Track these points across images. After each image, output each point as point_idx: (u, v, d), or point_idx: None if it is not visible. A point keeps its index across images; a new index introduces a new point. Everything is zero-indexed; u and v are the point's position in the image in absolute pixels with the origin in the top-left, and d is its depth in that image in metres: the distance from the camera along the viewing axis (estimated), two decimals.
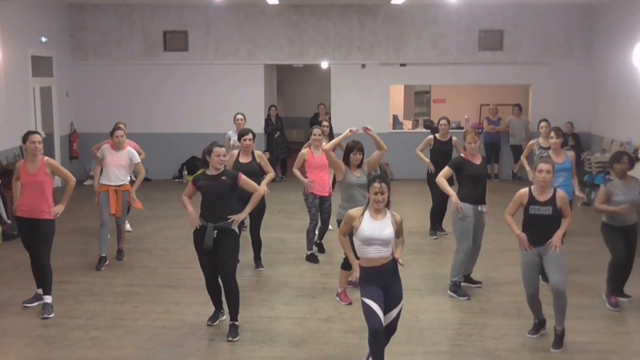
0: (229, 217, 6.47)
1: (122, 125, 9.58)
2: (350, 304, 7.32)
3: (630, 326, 6.95)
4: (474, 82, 16.48)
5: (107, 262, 8.83)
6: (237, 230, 6.61)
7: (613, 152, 13.29)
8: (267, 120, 15.89)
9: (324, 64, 16.25)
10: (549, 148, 9.46)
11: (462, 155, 7.90)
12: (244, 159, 8.52)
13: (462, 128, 16.49)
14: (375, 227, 5.35)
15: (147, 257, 9.36)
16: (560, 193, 6.24)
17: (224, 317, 6.82)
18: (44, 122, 14.29)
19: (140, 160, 9.26)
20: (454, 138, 10.48)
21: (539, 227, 6.20)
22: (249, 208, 6.77)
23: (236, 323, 6.53)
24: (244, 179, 6.65)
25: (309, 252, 9.09)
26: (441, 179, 7.72)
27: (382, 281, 5.37)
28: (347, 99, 15.88)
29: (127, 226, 10.38)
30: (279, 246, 9.84)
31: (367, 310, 5.29)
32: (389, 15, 15.62)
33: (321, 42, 15.78)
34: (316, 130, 9.24)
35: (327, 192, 9.12)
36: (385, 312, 5.35)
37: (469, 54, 15.68)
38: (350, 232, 5.54)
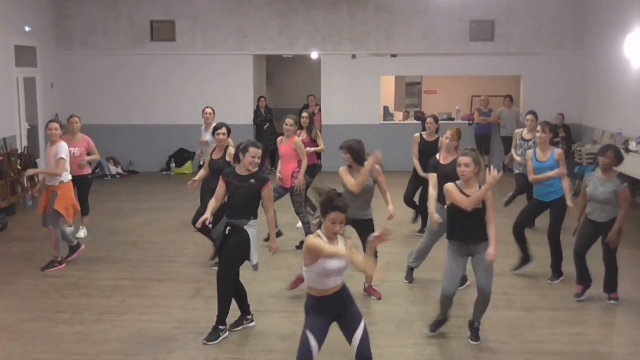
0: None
1: (76, 119, 9.46)
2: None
3: (619, 317, 6.91)
4: (465, 73, 16.39)
5: (61, 265, 8.40)
6: (250, 232, 6.22)
7: (604, 143, 13.30)
8: (256, 112, 15.75)
9: (314, 55, 16.09)
10: (530, 140, 9.37)
11: (436, 156, 7.77)
12: (215, 155, 8.30)
13: (453, 119, 16.43)
14: (334, 260, 4.69)
15: (133, 250, 9.26)
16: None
17: (252, 323, 6.56)
18: (27, 113, 14.09)
19: (62, 156, 8.26)
20: (441, 139, 10.19)
21: (465, 223, 5.87)
22: (272, 236, 6.47)
23: (217, 325, 6.24)
24: (269, 189, 6.29)
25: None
26: (431, 198, 7.28)
27: (334, 310, 4.83)
28: (338, 90, 15.75)
29: (81, 232, 9.82)
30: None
31: (303, 343, 4.74)
32: (379, 5, 15.48)
33: (311, 32, 15.62)
34: (288, 120, 9.08)
35: (287, 184, 8.93)
36: (349, 338, 4.86)
37: (460, 44, 15.55)
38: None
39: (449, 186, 5.97)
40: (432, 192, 7.30)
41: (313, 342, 4.73)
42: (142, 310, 6.98)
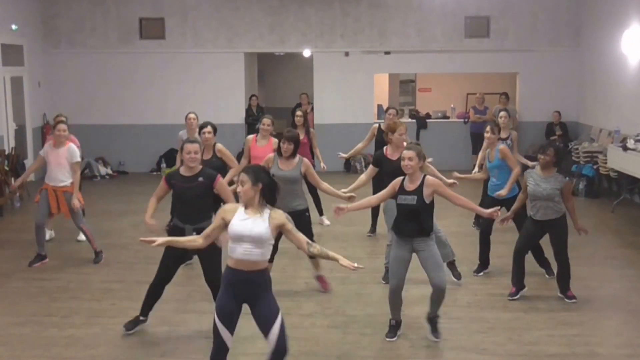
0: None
1: (63, 118, 9.16)
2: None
3: (616, 318, 6.84)
4: (460, 71, 16.23)
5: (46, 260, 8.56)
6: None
7: (601, 141, 13.18)
8: (248, 110, 15.56)
9: (306, 52, 15.90)
10: (506, 139, 9.34)
11: (384, 148, 7.55)
12: (205, 156, 8.09)
13: (448, 117, 16.30)
14: (246, 223, 4.71)
15: (124, 252, 9.12)
16: (429, 179, 5.89)
17: (147, 322, 6.49)
18: (15, 113, 13.95)
19: (78, 160, 8.62)
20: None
21: (409, 218, 5.87)
22: None
23: None
24: (221, 182, 6.27)
25: None
26: (358, 180, 7.45)
27: (241, 291, 4.76)
28: (330, 88, 15.56)
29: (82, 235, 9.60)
30: None
31: (215, 330, 4.78)
32: (373, 2, 15.30)
33: (303, 30, 15.42)
34: (266, 120, 8.81)
35: None
36: (265, 333, 4.79)
37: (455, 41, 15.39)
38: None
39: (396, 181, 6.00)
40: (363, 177, 7.48)
41: (223, 329, 4.74)
42: (133, 313, 6.80)
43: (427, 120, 15.94)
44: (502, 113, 9.56)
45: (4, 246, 9.48)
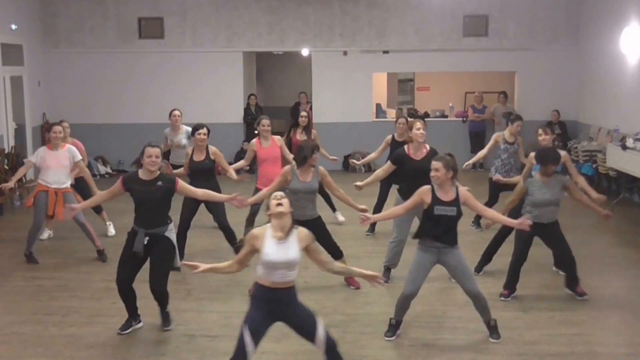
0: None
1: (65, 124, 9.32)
2: None
3: (616, 318, 6.85)
4: (459, 69, 16.21)
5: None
6: (171, 238, 6.23)
7: (600, 140, 13.18)
8: (247, 110, 15.55)
9: (305, 51, 15.90)
10: (513, 144, 9.31)
11: (404, 147, 7.57)
12: (197, 157, 8.25)
13: (447, 116, 16.30)
14: (279, 249, 4.73)
15: None
16: (463, 191, 5.91)
17: (140, 324, 6.49)
18: (15, 112, 13.89)
19: (80, 158, 8.78)
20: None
21: (442, 228, 5.86)
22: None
23: (167, 311, 6.42)
24: (181, 184, 6.27)
25: None
26: (375, 173, 7.60)
27: (273, 310, 4.79)
28: (329, 88, 15.54)
29: (111, 228, 10.02)
30: None
31: (239, 341, 4.74)
32: (371, 1, 15.28)
33: (301, 29, 15.41)
34: (264, 121, 8.83)
35: None
36: (312, 340, 4.84)
37: (454, 40, 15.38)
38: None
39: (424, 191, 5.95)
40: (380, 173, 7.54)
41: (249, 342, 4.69)
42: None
43: (426, 119, 15.89)
44: (518, 122, 9.44)
45: (3, 245, 9.48)
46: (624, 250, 9.05)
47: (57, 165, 8.46)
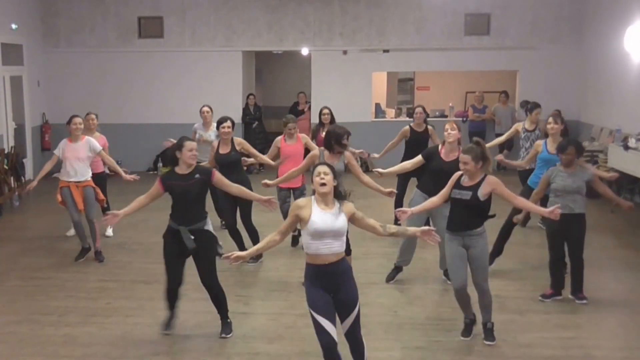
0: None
1: (93, 116, 9.50)
2: None
3: (613, 321, 6.80)
4: (460, 69, 16.12)
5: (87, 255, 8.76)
6: (211, 230, 6.22)
7: (602, 140, 13.10)
8: (245, 110, 15.51)
9: (304, 51, 15.86)
10: (534, 131, 9.37)
11: (438, 145, 7.58)
12: (223, 150, 8.28)
13: (446, 116, 16.21)
14: (326, 218, 4.82)
15: (120, 251, 9.16)
16: (491, 179, 5.92)
17: (175, 316, 6.50)
18: (14, 112, 13.93)
19: (101, 149, 8.85)
20: (429, 127, 10.07)
21: (459, 212, 5.96)
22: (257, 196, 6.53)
23: (228, 320, 6.35)
24: (218, 175, 6.25)
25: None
26: (402, 164, 7.71)
27: (328, 283, 4.85)
28: (328, 87, 15.48)
29: (110, 230, 9.99)
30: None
31: (317, 327, 4.83)
32: (371, 0, 15.21)
33: (301, 28, 15.36)
34: (291, 125, 8.83)
35: (298, 183, 8.69)
36: (342, 318, 4.92)
37: (455, 39, 15.31)
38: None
39: (455, 175, 6.10)
40: (408, 165, 7.59)
41: (324, 321, 4.76)
42: (128, 312, 6.96)
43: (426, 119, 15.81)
44: (537, 110, 9.62)
45: (2, 245, 9.50)
46: (623, 252, 8.99)
47: (74, 157, 8.48)
